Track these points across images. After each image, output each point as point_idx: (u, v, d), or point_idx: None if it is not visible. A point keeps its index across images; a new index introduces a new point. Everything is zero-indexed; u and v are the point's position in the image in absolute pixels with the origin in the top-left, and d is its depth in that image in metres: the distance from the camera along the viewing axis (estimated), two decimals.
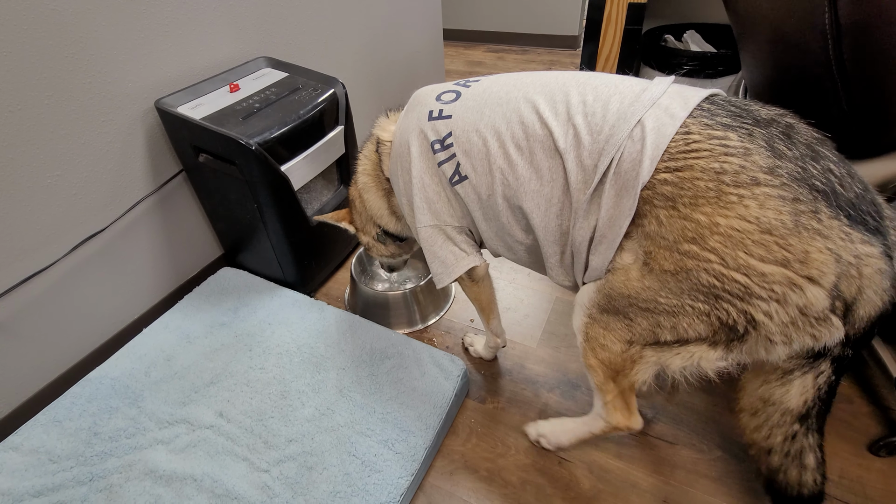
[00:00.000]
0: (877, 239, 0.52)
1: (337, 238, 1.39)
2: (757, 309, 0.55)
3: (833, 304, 0.53)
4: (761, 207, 0.53)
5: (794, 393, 0.61)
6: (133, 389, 1.04)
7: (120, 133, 1.06)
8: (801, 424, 0.64)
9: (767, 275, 0.53)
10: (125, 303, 1.18)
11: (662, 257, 0.60)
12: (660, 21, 1.69)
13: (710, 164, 0.56)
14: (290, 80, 1.26)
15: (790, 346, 0.56)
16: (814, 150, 0.55)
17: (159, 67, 1.10)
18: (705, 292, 0.57)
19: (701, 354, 0.62)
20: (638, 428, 0.81)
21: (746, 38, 0.83)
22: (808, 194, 0.52)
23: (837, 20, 0.57)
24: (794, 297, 0.53)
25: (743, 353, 0.59)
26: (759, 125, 0.57)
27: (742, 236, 0.53)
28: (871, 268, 0.51)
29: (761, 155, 0.54)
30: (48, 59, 0.90)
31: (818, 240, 0.51)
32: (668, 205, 0.58)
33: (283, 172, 1.10)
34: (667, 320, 0.62)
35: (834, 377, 0.59)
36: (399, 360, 1.07)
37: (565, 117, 0.66)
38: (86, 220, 1.04)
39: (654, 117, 0.61)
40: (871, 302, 0.53)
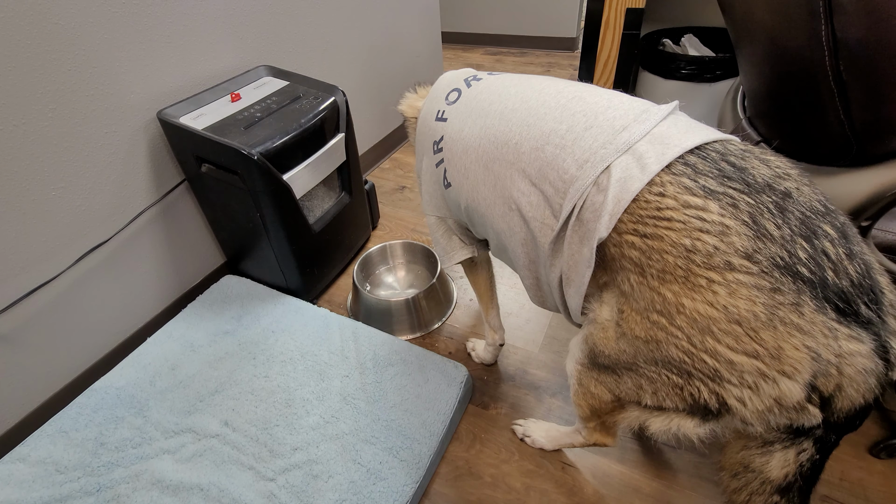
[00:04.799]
0: (868, 333, 0.46)
1: (339, 245, 1.40)
2: (729, 394, 0.51)
3: (809, 395, 0.49)
4: (731, 296, 0.48)
5: (775, 465, 0.57)
6: (138, 399, 1.04)
7: (123, 144, 1.06)
8: (781, 497, 0.58)
9: (736, 363, 0.49)
10: (129, 312, 1.19)
11: (635, 322, 0.56)
12: (658, 25, 1.70)
13: (682, 239, 0.50)
14: (291, 88, 1.27)
15: (764, 425, 0.53)
16: (810, 226, 0.48)
17: (161, 78, 1.10)
18: (678, 366, 0.54)
19: (679, 422, 0.59)
20: (614, 445, 0.85)
21: (743, 44, 0.84)
22: (791, 284, 0.47)
23: (834, 33, 0.58)
24: (766, 388, 0.49)
25: (721, 427, 0.57)
26: (751, 192, 0.50)
27: (709, 322, 0.49)
28: (853, 367, 0.47)
29: (741, 236, 0.48)
30: (51, 73, 0.91)
31: (796, 336, 0.47)
32: (638, 271, 0.54)
33: (284, 181, 1.11)
34: (648, 385, 0.59)
35: (818, 457, 0.55)
36: (402, 367, 1.07)
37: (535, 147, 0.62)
38: (89, 232, 1.04)
39: (623, 167, 0.55)
40: (852, 399, 0.49)
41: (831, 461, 0.92)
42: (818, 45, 0.60)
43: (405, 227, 1.64)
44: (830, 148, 0.70)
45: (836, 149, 0.69)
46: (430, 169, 0.82)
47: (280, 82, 1.30)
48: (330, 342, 1.14)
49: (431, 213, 0.87)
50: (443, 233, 0.89)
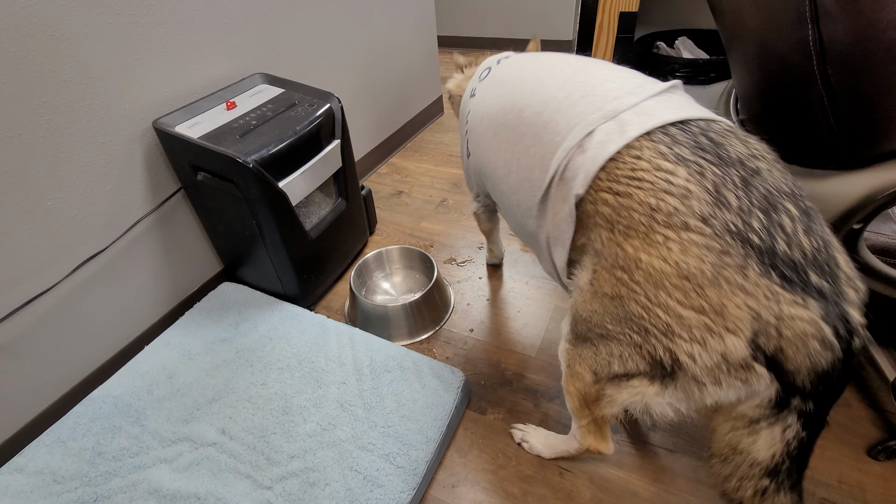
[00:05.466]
0: (816, 301, 0.49)
1: (336, 251, 1.40)
2: (680, 349, 0.55)
3: (755, 354, 0.52)
4: (683, 253, 0.52)
5: (762, 444, 0.58)
6: (136, 408, 1.04)
7: (119, 154, 1.07)
8: (770, 480, 0.59)
9: (685, 318, 0.53)
10: (126, 320, 1.19)
11: (604, 279, 0.60)
12: (652, 28, 1.71)
13: (648, 198, 0.55)
14: (287, 95, 1.27)
15: (721, 388, 0.55)
16: (771, 202, 0.52)
17: (156, 87, 1.11)
18: (637, 323, 0.57)
19: (643, 390, 0.61)
20: (609, 453, 0.84)
21: (734, 47, 0.85)
22: (739, 249, 0.51)
23: (821, 37, 0.58)
24: (713, 343, 0.52)
25: (679, 392, 0.58)
26: (721, 164, 0.54)
27: (662, 277, 0.54)
28: (793, 330, 0.49)
29: (700, 201, 0.53)
30: (46, 84, 0.91)
31: (739, 295, 0.50)
32: (608, 227, 0.59)
33: (280, 189, 1.11)
34: (616, 348, 0.62)
35: (805, 434, 0.55)
36: (400, 373, 1.07)
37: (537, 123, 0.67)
38: (86, 241, 1.05)
39: (606, 131, 0.60)
40: (798, 360, 0.51)
41: (829, 463, 0.92)
42: (806, 49, 0.60)
43: (402, 232, 1.65)
44: (822, 150, 0.70)
45: (828, 151, 0.69)
46: (463, 137, 0.93)
47: (275, 90, 1.30)
48: (327, 349, 1.14)
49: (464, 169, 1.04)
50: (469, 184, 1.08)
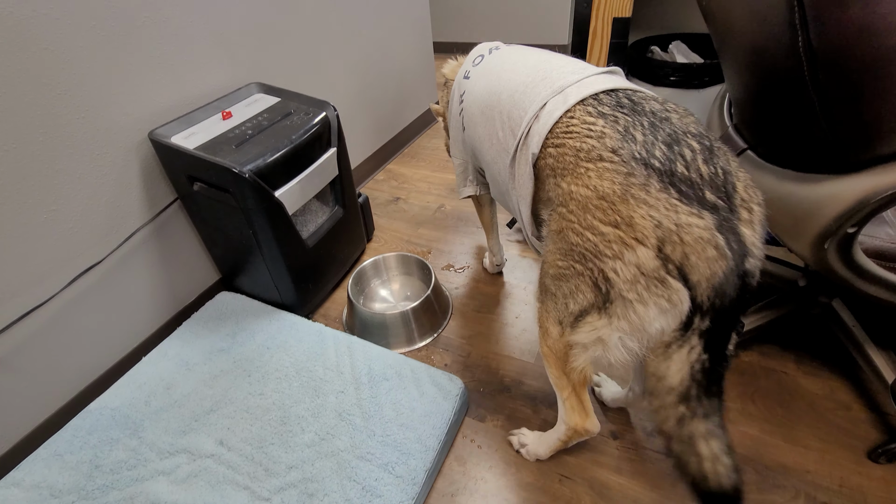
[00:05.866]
0: (709, 213, 0.57)
1: (334, 259, 1.40)
2: (607, 266, 0.62)
3: (666, 266, 0.58)
4: (599, 178, 0.63)
5: (674, 369, 0.62)
6: (133, 419, 1.04)
7: (115, 165, 1.07)
8: (684, 406, 0.63)
9: (606, 234, 0.62)
10: (124, 332, 1.18)
11: (553, 220, 0.70)
12: (646, 32, 1.71)
13: (576, 143, 0.67)
14: (282, 104, 1.28)
15: (648, 307, 0.61)
16: (675, 138, 0.62)
17: (152, 98, 1.11)
18: (578, 252, 0.65)
19: (595, 325, 0.66)
20: (595, 431, 0.86)
21: (725, 52, 0.85)
22: (642, 171, 0.60)
23: (810, 43, 0.58)
24: (629, 256, 0.60)
25: (622, 320, 0.63)
26: (634, 114, 0.66)
27: (587, 201, 0.64)
28: (691, 236, 0.56)
29: (612, 138, 0.64)
30: (42, 98, 0.91)
31: (643, 208, 0.59)
32: (552, 174, 0.71)
33: (277, 198, 1.11)
34: (566, 285, 0.68)
35: (706, 357, 0.60)
36: (398, 381, 1.07)
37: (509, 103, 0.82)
38: (82, 253, 1.05)
39: (554, 102, 0.73)
40: (699, 268, 0.57)
41: (830, 467, 0.92)
42: (796, 55, 0.60)
43: (400, 239, 1.65)
44: (814, 155, 0.70)
45: (820, 155, 0.69)
46: (455, 117, 1.05)
47: (271, 99, 1.30)
48: (325, 357, 1.14)
49: (456, 156, 1.14)
50: (461, 172, 1.16)
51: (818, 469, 0.92)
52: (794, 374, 1.09)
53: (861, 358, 0.97)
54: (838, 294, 1.04)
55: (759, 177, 0.83)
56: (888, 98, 0.57)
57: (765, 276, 1.17)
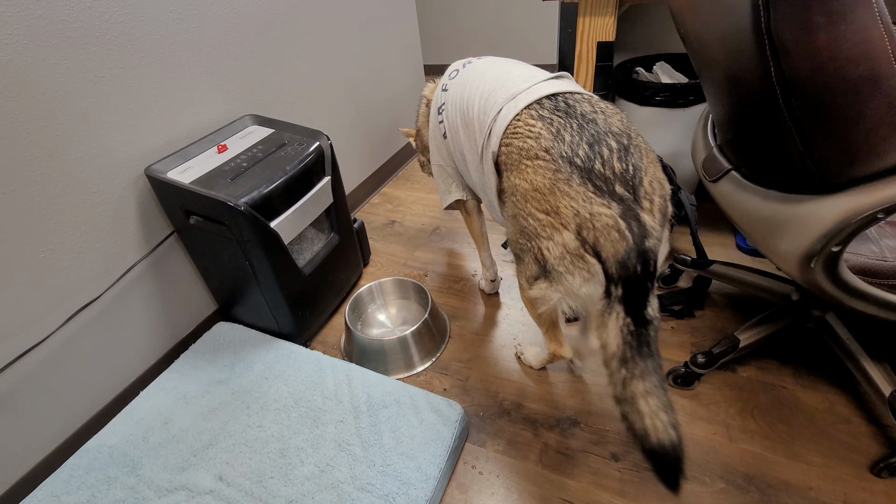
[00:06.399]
0: (617, 204, 0.71)
1: (330, 285, 1.41)
2: (542, 245, 0.77)
3: (584, 245, 0.73)
4: (535, 173, 0.77)
5: (611, 335, 0.73)
6: (131, 457, 1.03)
7: (111, 202, 1.08)
8: (625, 369, 0.73)
9: (541, 220, 0.76)
10: (121, 366, 1.18)
11: (508, 206, 0.84)
12: (631, 54, 1.76)
13: (520, 143, 0.81)
14: (276, 136, 1.30)
15: (574, 276, 0.75)
16: (597, 138, 0.75)
17: (148, 135, 1.13)
18: (525, 233, 0.80)
19: (543, 287, 0.82)
20: (567, 356, 1.08)
21: (704, 76, 0.87)
22: (567, 167, 0.74)
23: (782, 72, 0.60)
24: (557, 237, 0.75)
25: (558, 284, 0.79)
26: (567, 117, 0.79)
27: (526, 192, 0.78)
28: (601, 222, 0.70)
29: (546, 139, 0.77)
30: (39, 139, 0.93)
31: (566, 199, 0.73)
32: (506, 169, 0.85)
33: (272, 229, 1.12)
34: (525, 257, 0.84)
35: (630, 320, 0.72)
36: (397, 409, 1.07)
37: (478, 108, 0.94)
38: (80, 290, 1.05)
39: (508, 107, 0.86)
40: (607, 248, 0.71)
41: (833, 483, 0.91)
42: (770, 83, 0.63)
43: (396, 262, 1.66)
44: (795, 176, 0.72)
45: (801, 177, 0.71)
46: (435, 128, 1.15)
47: (265, 130, 1.33)
48: (323, 386, 1.14)
49: (435, 162, 1.21)
50: (443, 179, 1.22)
51: (821, 486, 0.92)
52: (793, 389, 1.09)
53: (857, 371, 0.97)
54: (831, 308, 1.05)
55: (745, 197, 0.84)
56: (860, 123, 0.59)
57: (758, 291, 1.18)
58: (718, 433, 1.02)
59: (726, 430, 1.03)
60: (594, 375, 1.18)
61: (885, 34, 0.53)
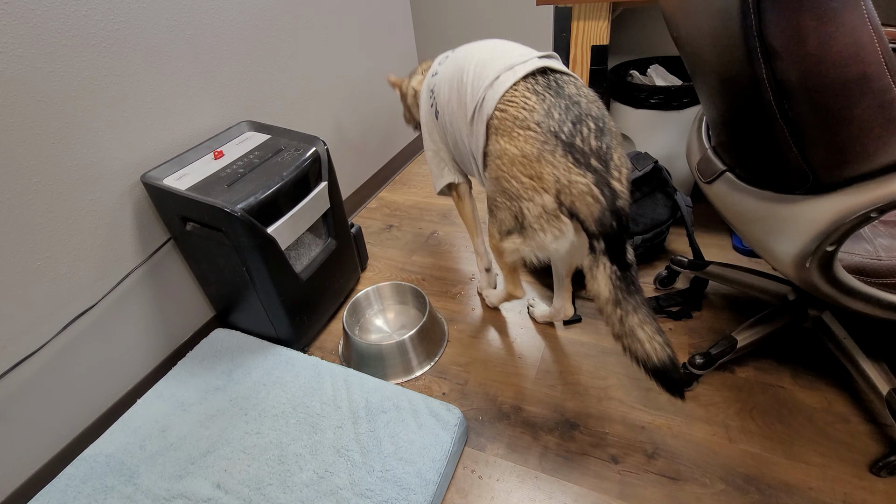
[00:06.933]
0: (592, 174, 0.82)
1: (328, 291, 1.41)
2: (524, 205, 0.88)
3: (560, 208, 0.84)
4: (525, 142, 0.86)
5: (602, 284, 0.85)
6: (128, 465, 1.02)
7: (108, 210, 1.08)
8: (620, 308, 0.84)
9: (525, 183, 0.87)
10: (118, 374, 1.18)
11: (491, 168, 0.94)
12: (625, 57, 1.77)
13: (514, 112, 0.89)
14: (273, 141, 1.30)
15: (546, 234, 0.87)
16: (580, 118, 0.85)
17: (144, 142, 1.13)
18: (507, 193, 0.91)
19: (515, 240, 0.95)
20: (521, 296, 1.22)
21: (698, 79, 0.88)
22: (553, 140, 0.84)
23: (774, 74, 0.61)
24: (538, 198, 0.86)
25: (531, 239, 0.91)
26: (556, 97, 0.88)
27: (514, 157, 0.87)
28: (577, 189, 0.82)
29: (538, 113, 0.86)
30: (35, 148, 0.93)
31: (549, 167, 0.83)
32: (496, 132, 0.92)
33: (269, 234, 1.12)
34: (501, 213, 0.95)
35: (615, 267, 0.84)
36: (396, 414, 1.06)
37: (473, 74, 1.00)
38: (76, 298, 1.05)
39: (505, 75, 0.93)
40: (583, 210, 0.83)
41: (833, 483, 0.91)
42: (762, 85, 0.63)
43: (394, 267, 1.66)
44: (789, 177, 0.72)
45: (794, 178, 0.71)
46: (427, 112, 1.22)
47: (262, 136, 1.33)
48: (322, 392, 1.13)
49: (428, 147, 1.26)
50: (436, 163, 1.27)
51: (821, 485, 0.92)
52: (791, 389, 1.09)
53: (854, 370, 0.97)
54: (828, 307, 1.05)
55: (739, 198, 0.85)
56: (851, 124, 0.59)
57: (755, 291, 1.19)
58: (718, 434, 1.02)
59: (725, 430, 1.03)
60: (592, 378, 1.18)
61: (875, 36, 0.54)
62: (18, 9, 0.87)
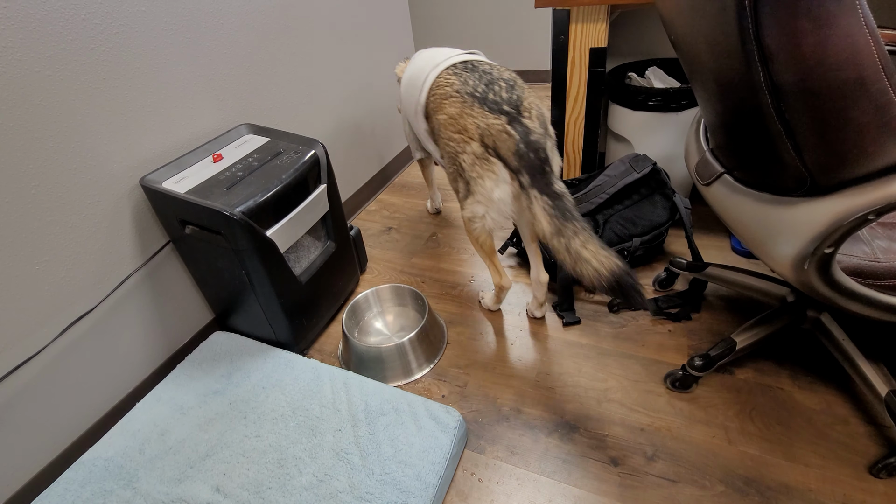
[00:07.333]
0: (505, 116, 1.00)
1: (327, 293, 1.41)
2: (460, 158, 1.07)
3: (487, 150, 1.02)
4: (450, 107, 1.08)
5: (540, 217, 0.98)
6: (127, 469, 1.02)
7: (107, 213, 1.08)
8: (563, 237, 0.95)
9: (455, 138, 1.06)
10: (117, 378, 1.17)
11: (441, 143, 1.14)
12: (623, 59, 1.77)
13: (440, 91, 1.12)
14: (272, 144, 1.30)
15: (485, 180, 1.03)
16: (491, 82, 1.06)
17: (143, 145, 1.13)
18: (451, 157, 1.10)
19: (469, 204, 1.10)
20: (507, 286, 1.31)
21: (695, 81, 0.88)
22: (470, 99, 1.04)
23: (771, 77, 0.61)
24: (468, 148, 1.04)
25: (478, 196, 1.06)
26: (471, 72, 1.09)
27: (446, 121, 1.09)
28: (494, 129, 1.00)
29: (456, 85, 1.08)
30: (34, 151, 0.93)
31: (470, 118, 1.03)
32: (433, 113, 1.14)
33: (268, 237, 1.12)
34: (453, 176, 1.13)
35: (544, 198, 0.97)
36: (395, 416, 1.06)
37: (415, 75, 1.23)
38: (75, 302, 1.05)
39: (433, 72, 1.15)
40: (503, 147, 1.00)
41: (832, 484, 0.91)
42: (759, 88, 0.63)
43: (393, 269, 1.66)
44: (787, 179, 0.73)
45: (792, 180, 0.71)
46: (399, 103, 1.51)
47: (261, 139, 1.33)
48: (321, 395, 1.13)
49: (405, 130, 1.61)
50: (410, 141, 1.66)
51: (820, 487, 0.92)
52: (791, 390, 1.10)
53: (853, 371, 0.98)
54: (826, 308, 1.06)
55: (738, 200, 0.85)
56: (848, 126, 0.59)
57: (754, 293, 1.19)
58: (717, 436, 1.02)
59: (725, 432, 1.03)
60: (592, 380, 1.18)
61: (871, 39, 0.54)
62: (17, 13, 0.87)
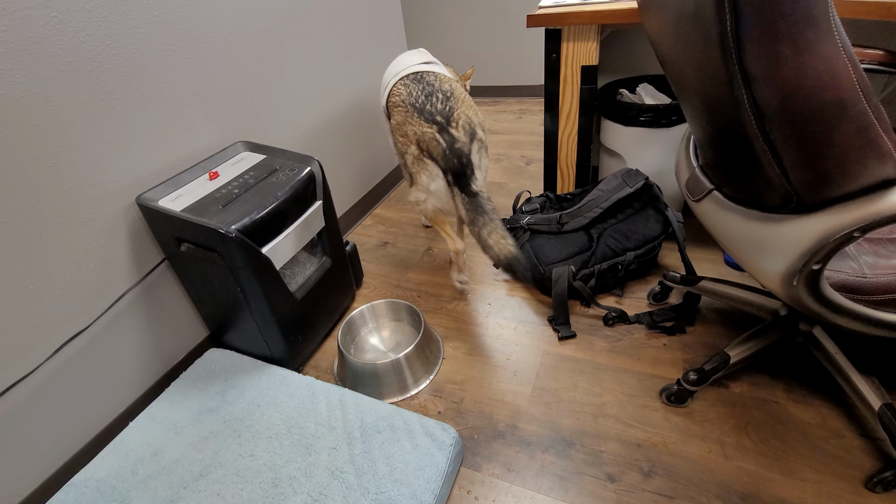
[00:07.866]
0: (436, 126, 1.23)
1: (323, 309, 1.41)
2: (406, 157, 1.31)
3: (422, 152, 1.25)
4: (398, 115, 1.31)
5: (460, 208, 1.24)
6: (119, 490, 1.01)
7: (102, 231, 1.08)
8: (475, 225, 1.21)
9: (401, 140, 1.31)
10: (111, 396, 1.16)
11: (395, 137, 1.38)
12: (615, 76, 1.81)
13: (393, 99, 1.35)
14: (268, 161, 1.31)
15: (422, 175, 1.28)
16: (432, 94, 1.27)
17: (139, 164, 1.14)
18: (399, 152, 1.36)
19: (413, 190, 1.35)
20: (459, 248, 1.46)
21: (683, 100, 0.90)
22: (412, 109, 1.26)
23: (754, 99, 0.63)
24: (409, 149, 1.28)
25: (419, 185, 1.31)
26: (417, 84, 1.31)
27: (395, 126, 1.33)
28: (426, 136, 1.23)
29: (403, 95, 1.31)
30: (30, 171, 0.94)
31: (410, 126, 1.26)
32: (391, 114, 1.37)
33: (264, 254, 1.13)
34: (404, 168, 1.37)
35: (464, 195, 1.23)
36: (391, 434, 1.06)
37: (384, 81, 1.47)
38: (69, 320, 1.04)
39: (393, 80, 1.39)
40: (434, 151, 1.23)
41: (828, 499, 0.91)
42: (744, 109, 0.65)
43: (389, 284, 1.66)
44: (774, 197, 0.74)
45: (779, 198, 0.73)
46: None
47: (257, 156, 1.34)
48: (316, 412, 1.13)
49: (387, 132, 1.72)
50: None
51: (817, 502, 0.92)
52: (785, 404, 1.10)
53: (846, 385, 0.98)
54: (818, 322, 1.06)
55: (727, 216, 0.86)
56: (830, 147, 0.61)
57: (747, 306, 1.20)
58: (713, 451, 1.02)
59: (721, 447, 1.03)
60: (587, 395, 1.18)
61: (849, 63, 0.56)
62: (17, 35, 0.88)
